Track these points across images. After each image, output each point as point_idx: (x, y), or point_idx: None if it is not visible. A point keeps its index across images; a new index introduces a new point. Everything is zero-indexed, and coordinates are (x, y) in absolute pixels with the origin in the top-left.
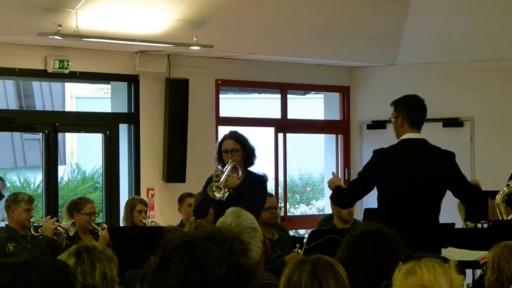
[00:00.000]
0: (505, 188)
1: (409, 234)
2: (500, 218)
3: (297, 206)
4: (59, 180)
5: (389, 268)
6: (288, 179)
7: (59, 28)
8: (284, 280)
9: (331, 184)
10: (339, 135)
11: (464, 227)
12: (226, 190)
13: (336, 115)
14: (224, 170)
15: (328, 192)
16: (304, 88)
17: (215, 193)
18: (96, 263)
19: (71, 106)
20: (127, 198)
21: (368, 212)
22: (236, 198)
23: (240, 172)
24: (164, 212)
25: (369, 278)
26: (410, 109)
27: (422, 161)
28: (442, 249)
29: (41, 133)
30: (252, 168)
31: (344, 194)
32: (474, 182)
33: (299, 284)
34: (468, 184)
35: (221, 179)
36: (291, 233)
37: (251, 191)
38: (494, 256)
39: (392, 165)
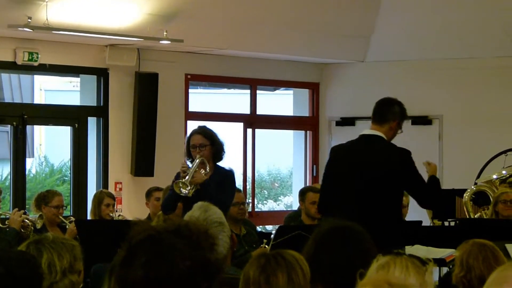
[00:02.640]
0: (472, 187)
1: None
2: (468, 216)
3: (265, 202)
4: (27, 172)
5: (357, 265)
6: (256, 174)
7: (29, 20)
8: (242, 274)
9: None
10: (308, 131)
11: (431, 224)
12: (193, 186)
13: (305, 112)
14: (191, 166)
15: (296, 189)
16: (274, 84)
17: (181, 189)
18: (44, 253)
19: (40, 98)
20: (95, 192)
21: None
22: (203, 194)
23: (208, 168)
24: (131, 206)
25: (337, 274)
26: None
27: (372, 157)
28: (409, 247)
29: (9, 125)
30: (220, 163)
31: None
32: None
33: (248, 277)
34: (422, 184)
35: (187, 176)
36: (259, 228)
37: (220, 186)
38: (463, 253)
39: (343, 159)
